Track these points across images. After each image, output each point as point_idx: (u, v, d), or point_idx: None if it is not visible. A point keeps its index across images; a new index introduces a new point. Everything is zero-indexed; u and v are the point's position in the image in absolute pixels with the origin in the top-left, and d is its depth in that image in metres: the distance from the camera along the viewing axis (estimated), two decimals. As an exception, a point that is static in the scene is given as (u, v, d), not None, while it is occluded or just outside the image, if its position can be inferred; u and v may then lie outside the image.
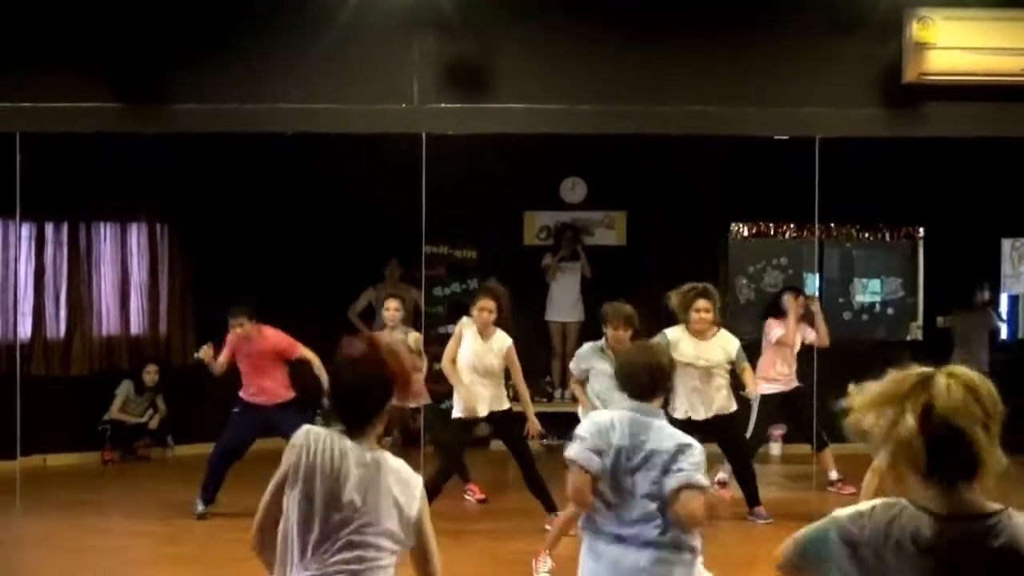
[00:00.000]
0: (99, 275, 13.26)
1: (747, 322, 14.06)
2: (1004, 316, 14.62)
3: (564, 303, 13.80)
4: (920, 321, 14.35)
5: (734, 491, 10.98)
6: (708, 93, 9.73)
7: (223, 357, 10.54)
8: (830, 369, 10.85)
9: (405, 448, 11.84)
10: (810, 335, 11.48)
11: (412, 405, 11.19)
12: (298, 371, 10.73)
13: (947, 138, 10.19)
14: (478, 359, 9.95)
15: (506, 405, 10.17)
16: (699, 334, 10.05)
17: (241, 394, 10.57)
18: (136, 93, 9.73)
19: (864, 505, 3.05)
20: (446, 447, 10.36)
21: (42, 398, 11.79)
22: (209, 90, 9.78)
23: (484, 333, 10.01)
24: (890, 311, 14.90)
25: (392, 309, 11.22)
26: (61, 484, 11.91)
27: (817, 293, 13.71)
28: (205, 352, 10.54)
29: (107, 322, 13.38)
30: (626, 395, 5.35)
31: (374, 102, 9.70)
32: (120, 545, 9.96)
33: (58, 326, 13.06)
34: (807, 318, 11.55)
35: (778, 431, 12.85)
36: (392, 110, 9.67)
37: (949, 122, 9.73)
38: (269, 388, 10.54)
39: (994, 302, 14.14)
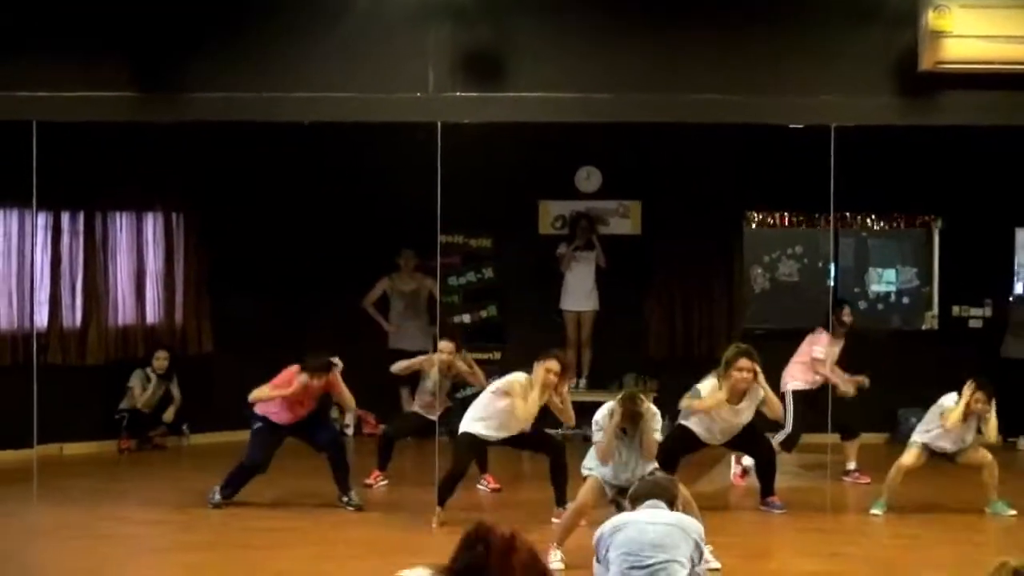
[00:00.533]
0: (115, 264, 13.28)
1: (761, 311, 14.10)
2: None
3: (579, 292, 13.79)
4: (935, 311, 14.31)
5: (753, 480, 11.05)
6: (723, 82, 9.70)
7: (273, 391, 10.30)
8: (846, 358, 10.85)
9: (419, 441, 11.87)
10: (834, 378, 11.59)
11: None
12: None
13: (962, 126, 10.16)
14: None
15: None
16: (736, 393, 9.98)
17: (260, 411, 10.37)
18: (152, 82, 9.73)
19: None
20: (461, 443, 10.26)
21: (58, 387, 11.83)
22: (225, 79, 9.78)
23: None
24: (905, 300, 14.88)
25: (447, 352, 11.08)
26: (77, 473, 11.94)
27: (832, 283, 13.72)
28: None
29: (123, 311, 13.40)
30: None
31: (389, 90, 9.69)
32: (136, 533, 9.99)
33: (74, 315, 13.08)
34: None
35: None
36: (407, 99, 9.66)
37: (965, 110, 9.69)
38: (302, 415, 10.51)
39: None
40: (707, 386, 9.97)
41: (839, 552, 9.07)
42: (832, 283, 13.77)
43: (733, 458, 11.46)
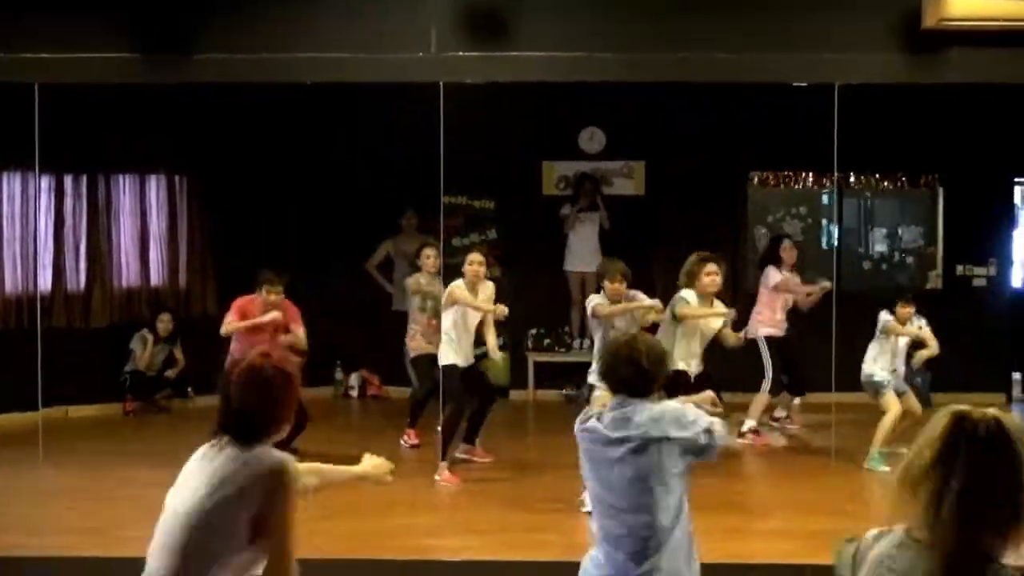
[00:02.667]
0: (118, 227, 13.31)
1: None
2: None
3: (583, 253, 13.77)
4: (940, 270, 14.30)
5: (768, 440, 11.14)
6: (726, 40, 9.67)
7: (235, 320, 10.53)
8: (850, 317, 10.84)
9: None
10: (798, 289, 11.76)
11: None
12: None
13: (967, 85, 10.13)
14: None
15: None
16: (708, 299, 10.05)
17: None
18: (155, 43, 9.71)
19: None
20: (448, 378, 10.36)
21: (63, 350, 11.84)
22: (227, 40, 9.75)
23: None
24: (909, 260, 14.84)
25: (432, 258, 11.18)
26: (83, 435, 11.98)
27: (836, 243, 13.70)
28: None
29: (126, 274, 13.43)
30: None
31: (392, 51, 9.66)
32: (143, 495, 9.92)
33: (78, 278, 13.11)
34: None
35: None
36: (410, 59, 9.63)
37: (969, 68, 9.66)
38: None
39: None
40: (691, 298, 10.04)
41: (841, 510, 9.08)
42: (836, 243, 13.74)
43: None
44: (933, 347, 10.63)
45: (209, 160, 13.34)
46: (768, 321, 11.77)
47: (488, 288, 10.55)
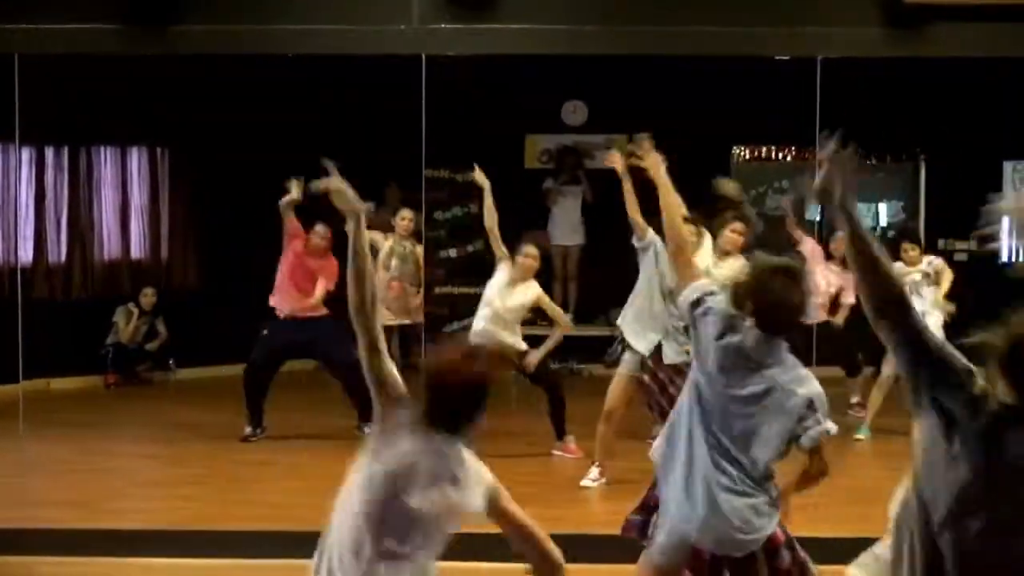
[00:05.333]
0: (100, 199, 13.27)
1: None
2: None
3: (565, 226, 13.77)
4: (922, 244, 14.30)
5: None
6: (709, 13, 9.67)
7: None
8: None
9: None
10: None
11: (407, 322, 11.22)
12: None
13: (950, 58, 10.13)
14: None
15: None
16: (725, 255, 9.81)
17: (272, 302, 10.41)
18: (136, 14, 9.67)
19: None
20: None
21: (44, 322, 11.82)
22: (208, 11, 9.72)
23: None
24: (891, 234, 14.88)
25: (407, 219, 11.16)
26: (64, 407, 11.96)
27: (819, 217, 13.72)
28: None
29: (108, 246, 13.40)
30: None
31: (373, 23, 9.64)
32: (125, 467, 10.01)
33: (59, 250, 13.07)
34: None
35: None
36: (391, 31, 9.61)
37: (952, 42, 9.68)
38: (307, 306, 10.39)
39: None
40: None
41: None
42: (818, 217, 13.77)
43: None
44: (947, 278, 10.41)
45: (191, 133, 13.26)
46: None
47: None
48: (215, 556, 7.37)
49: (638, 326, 8.69)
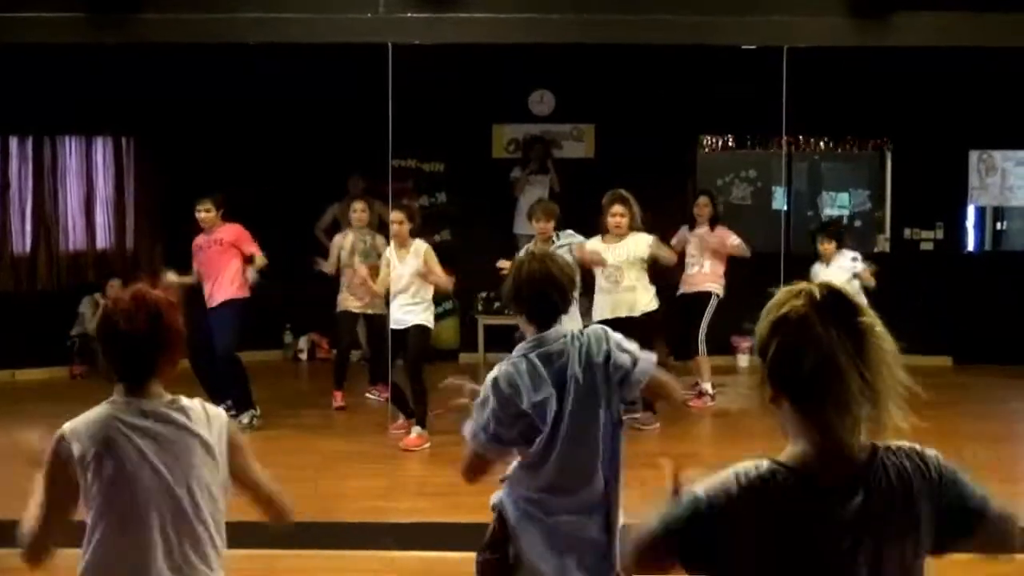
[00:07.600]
0: (64, 190, 13.18)
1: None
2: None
3: (532, 216, 13.73)
4: (888, 233, 14.38)
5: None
6: (675, 2, 9.68)
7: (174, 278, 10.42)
8: (798, 280, 10.91)
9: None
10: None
11: (370, 312, 11.22)
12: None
13: (916, 48, 10.17)
14: None
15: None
16: (612, 239, 10.32)
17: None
18: (100, 3, 9.60)
19: None
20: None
21: (9, 313, 11.79)
22: (173, 0, 9.66)
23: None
24: (858, 223, 14.94)
25: (359, 211, 11.21)
26: (30, 398, 11.88)
27: (786, 207, 13.75)
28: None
29: (73, 237, 13.32)
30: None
31: (339, 11, 9.60)
32: (90, 458, 9.93)
33: (24, 241, 13.00)
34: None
35: (746, 343, 12.95)
36: (357, 19, 9.57)
37: (918, 31, 9.71)
38: (215, 289, 10.54)
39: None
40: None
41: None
42: (785, 207, 13.80)
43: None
44: (866, 280, 10.48)
45: (156, 122, 13.21)
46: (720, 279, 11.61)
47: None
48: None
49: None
